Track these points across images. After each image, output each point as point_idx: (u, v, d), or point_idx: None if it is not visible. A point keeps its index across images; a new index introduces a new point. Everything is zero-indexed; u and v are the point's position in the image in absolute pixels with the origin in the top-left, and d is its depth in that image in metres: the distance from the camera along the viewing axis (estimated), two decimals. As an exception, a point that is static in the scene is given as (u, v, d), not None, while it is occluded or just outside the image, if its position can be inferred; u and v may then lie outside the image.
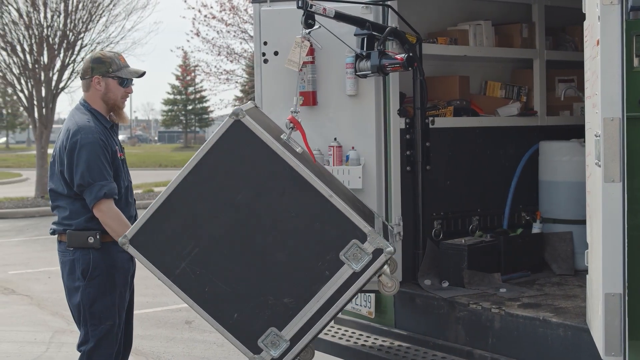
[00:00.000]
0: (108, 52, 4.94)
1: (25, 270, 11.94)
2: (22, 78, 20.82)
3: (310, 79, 5.61)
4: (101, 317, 4.72)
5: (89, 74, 4.83)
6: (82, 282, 4.71)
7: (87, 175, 4.59)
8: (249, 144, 4.31)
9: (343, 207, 4.29)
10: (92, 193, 4.60)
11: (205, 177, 4.36)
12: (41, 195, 20.93)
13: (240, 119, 4.29)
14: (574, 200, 6.25)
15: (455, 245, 5.84)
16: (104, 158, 4.66)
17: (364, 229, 4.28)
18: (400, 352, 5.55)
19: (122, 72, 4.87)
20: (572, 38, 7.09)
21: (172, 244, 4.40)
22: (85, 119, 4.74)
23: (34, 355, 7.50)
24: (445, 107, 6.26)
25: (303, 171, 4.29)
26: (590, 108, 4.26)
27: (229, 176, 4.36)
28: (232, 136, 4.32)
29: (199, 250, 4.37)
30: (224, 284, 4.39)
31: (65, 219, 4.76)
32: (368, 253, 4.28)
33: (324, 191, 4.28)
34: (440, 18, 6.65)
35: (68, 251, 4.75)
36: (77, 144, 4.62)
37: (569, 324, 4.83)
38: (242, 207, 4.35)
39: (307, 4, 4.98)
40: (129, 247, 4.40)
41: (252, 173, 4.36)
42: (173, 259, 4.39)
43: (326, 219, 4.31)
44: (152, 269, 4.42)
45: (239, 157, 4.35)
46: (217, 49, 23.37)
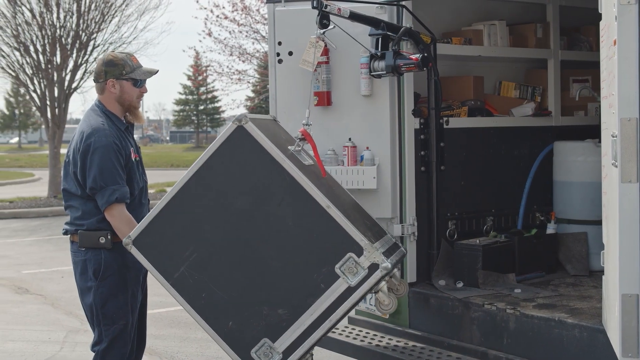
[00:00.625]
0: (119, 53, 4.94)
1: (39, 270, 11.97)
2: (35, 78, 20.89)
3: (324, 79, 5.61)
4: (114, 317, 4.73)
5: (103, 78, 4.83)
6: (94, 282, 4.72)
7: (99, 179, 4.60)
8: (250, 151, 4.31)
9: (340, 218, 4.24)
10: (104, 197, 4.60)
11: (206, 181, 4.38)
12: (54, 195, 20.99)
13: (243, 125, 4.29)
14: (588, 200, 6.23)
15: (469, 246, 5.83)
16: (117, 161, 4.66)
17: (361, 242, 4.22)
18: (414, 353, 5.54)
19: (136, 73, 4.86)
20: (587, 38, 7.06)
21: (173, 247, 4.42)
22: (100, 122, 4.74)
23: (48, 355, 7.52)
24: (459, 107, 6.25)
25: (302, 180, 4.26)
26: (607, 108, 4.24)
27: (230, 182, 4.37)
28: (235, 142, 4.33)
29: (197, 255, 4.39)
30: (220, 290, 4.40)
31: (77, 219, 4.77)
32: (364, 268, 4.23)
33: (322, 201, 4.24)
34: (454, 18, 6.64)
35: (80, 251, 4.76)
36: (90, 147, 4.62)
37: (585, 324, 4.81)
38: (241, 213, 4.35)
39: (322, 4, 4.98)
40: (132, 248, 4.44)
41: (252, 180, 4.36)
42: (173, 262, 4.41)
43: (323, 230, 4.27)
44: (153, 271, 4.45)
45: (240, 163, 4.35)
46: (229, 49, 23.41)
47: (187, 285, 4.40)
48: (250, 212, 4.34)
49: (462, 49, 6.30)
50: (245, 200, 4.35)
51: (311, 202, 4.25)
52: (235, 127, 4.30)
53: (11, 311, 9.37)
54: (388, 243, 4.75)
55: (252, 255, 4.36)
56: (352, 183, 5.58)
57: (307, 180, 4.27)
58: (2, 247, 14.46)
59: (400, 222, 5.71)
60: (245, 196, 4.35)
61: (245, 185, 4.36)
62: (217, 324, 4.42)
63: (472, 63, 6.75)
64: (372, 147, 5.61)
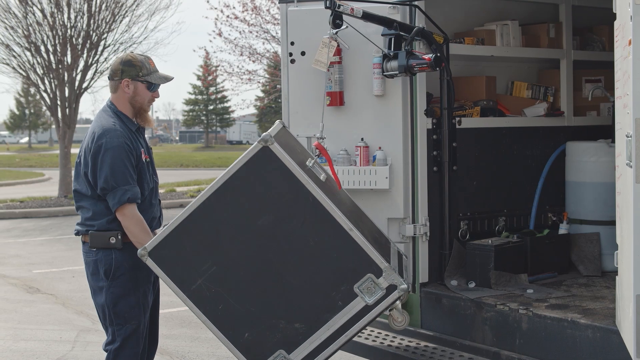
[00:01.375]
0: (139, 55, 4.92)
1: (50, 270, 12.00)
2: (46, 78, 20.94)
3: (337, 79, 5.62)
4: (126, 317, 4.75)
5: (118, 76, 4.83)
6: (106, 282, 4.74)
7: (111, 179, 4.61)
8: (274, 171, 4.36)
9: (362, 241, 4.35)
10: (116, 197, 4.62)
11: (229, 198, 4.42)
12: (64, 194, 21.04)
13: (269, 146, 4.34)
14: (601, 201, 6.22)
15: (482, 246, 5.82)
16: (129, 162, 4.67)
17: (381, 264, 4.35)
18: (426, 353, 5.54)
19: (152, 76, 4.86)
20: (600, 38, 7.04)
21: (190, 260, 4.47)
22: (111, 122, 4.75)
23: (59, 354, 7.53)
24: (472, 108, 6.24)
25: (326, 202, 4.34)
26: (621, 108, 4.23)
27: (252, 200, 4.43)
28: (259, 161, 4.37)
29: (216, 269, 4.44)
30: (238, 303, 4.46)
31: (88, 219, 4.79)
32: (382, 288, 4.36)
33: (345, 224, 4.34)
34: (467, 18, 6.63)
35: (91, 252, 4.78)
36: (102, 148, 4.64)
37: (598, 325, 4.80)
38: (263, 231, 4.42)
39: (335, 4, 4.98)
40: (147, 259, 4.47)
41: (275, 199, 4.42)
42: (190, 274, 4.46)
43: (344, 251, 4.37)
44: (169, 282, 4.49)
45: (263, 182, 4.40)
46: (240, 49, 23.42)
47: (204, 297, 4.47)
48: (272, 230, 4.41)
49: (474, 49, 6.29)
50: (267, 218, 4.41)
51: (334, 224, 4.36)
52: (261, 147, 4.35)
53: (22, 310, 9.39)
54: (395, 255, 4.88)
55: (271, 272, 4.44)
56: (365, 183, 5.58)
57: (331, 203, 4.35)
58: (13, 246, 14.50)
59: (412, 222, 5.71)
60: (268, 214, 4.41)
61: (267, 204, 4.42)
62: (233, 335, 4.49)
63: (484, 63, 6.74)
64: (384, 147, 5.61)
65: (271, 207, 4.42)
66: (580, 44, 7.02)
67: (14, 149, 70.93)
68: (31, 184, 31.08)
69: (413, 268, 5.75)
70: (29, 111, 76.00)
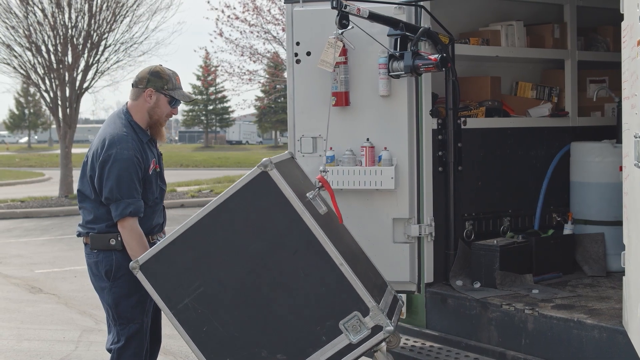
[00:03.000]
0: (167, 69, 4.88)
1: (52, 269, 11.99)
2: (47, 78, 20.92)
3: (343, 79, 5.61)
4: (128, 317, 4.76)
5: (144, 84, 4.80)
6: (107, 283, 4.77)
7: (115, 191, 4.61)
8: (271, 197, 4.35)
9: (352, 278, 4.31)
10: (118, 209, 4.62)
11: (223, 220, 4.41)
12: (65, 194, 21.03)
13: (268, 171, 4.33)
14: (605, 201, 6.23)
15: (487, 246, 5.83)
16: (135, 175, 4.66)
17: (368, 303, 4.30)
18: (432, 353, 5.54)
19: (176, 92, 4.84)
20: (604, 38, 7.05)
21: (180, 278, 4.45)
22: (124, 132, 4.72)
23: (63, 354, 7.53)
24: (477, 108, 6.24)
25: (319, 235, 4.32)
26: (629, 109, 4.23)
27: (247, 224, 4.41)
28: (257, 186, 4.36)
29: (204, 290, 4.43)
30: (222, 327, 4.44)
31: (89, 222, 4.81)
32: (368, 327, 4.31)
33: (336, 259, 4.31)
34: (472, 18, 6.63)
35: (92, 253, 4.81)
36: (111, 158, 4.62)
37: (605, 325, 4.81)
38: (254, 257, 4.40)
39: (341, 4, 4.98)
40: (138, 273, 4.47)
41: (269, 226, 4.40)
42: (178, 292, 4.45)
43: (333, 286, 4.34)
44: (156, 298, 4.48)
45: (259, 207, 4.39)
46: (240, 49, 23.40)
47: (189, 317, 4.45)
48: (263, 256, 4.40)
49: (479, 50, 6.30)
50: (260, 244, 4.40)
51: (325, 257, 4.32)
52: (260, 172, 4.33)
53: (25, 310, 9.38)
54: (389, 297, 4.84)
55: (258, 298, 4.41)
56: (370, 183, 5.58)
57: (324, 236, 4.32)
58: (15, 246, 14.49)
59: (417, 223, 5.71)
60: (260, 240, 4.40)
61: (261, 230, 4.41)
62: (214, 358, 4.46)
63: (489, 63, 6.75)
64: (390, 148, 5.61)
65: (265, 233, 4.40)
66: (584, 45, 7.02)
67: (14, 149, 70.92)
68: (31, 183, 31.05)
69: (418, 268, 5.76)
70: (28, 111, 76.03)
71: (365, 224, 5.70)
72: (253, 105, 41.69)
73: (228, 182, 27.57)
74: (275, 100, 45.27)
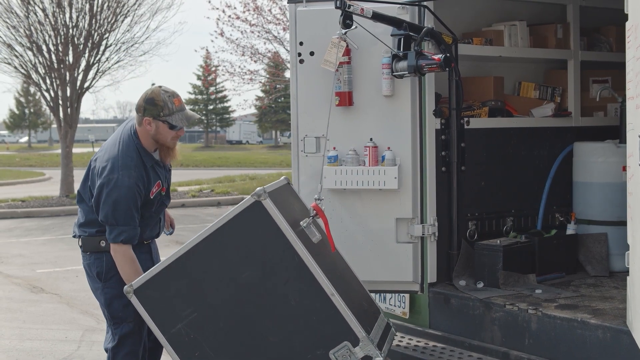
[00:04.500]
0: (163, 92, 4.75)
1: (53, 269, 11.99)
2: (48, 78, 20.92)
3: (346, 79, 5.61)
4: (120, 316, 4.79)
5: (142, 112, 4.74)
6: (100, 284, 4.83)
7: (111, 216, 4.61)
8: (264, 226, 4.36)
9: (342, 308, 4.33)
10: (112, 234, 4.63)
11: (216, 247, 4.43)
12: (66, 194, 21.03)
13: (261, 201, 4.34)
14: (608, 201, 6.23)
15: (490, 246, 5.83)
16: (134, 203, 4.64)
17: (358, 333, 4.32)
18: (435, 353, 5.55)
19: (173, 117, 4.73)
20: (607, 38, 7.05)
21: (173, 304, 4.47)
22: (129, 159, 4.68)
23: (65, 354, 7.53)
24: (480, 108, 6.24)
25: (311, 265, 4.33)
26: (634, 109, 4.23)
27: (240, 252, 4.43)
28: (250, 215, 4.38)
29: (197, 316, 4.45)
30: (213, 353, 4.46)
31: (82, 225, 4.86)
32: (357, 357, 4.32)
33: (327, 289, 4.33)
34: (475, 19, 6.63)
35: (85, 255, 4.87)
36: (111, 182, 4.61)
37: (609, 325, 4.81)
38: (246, 284, 4.42)
39: (345, 4, 4.97)
40: (132, 297, 4.48)
41: (261, 254, 4.42)
42: (171, 317, 4.47)
43: (324, 315, 4.36)
44: (150, 322, 4.49)
45: (252, 236, 4.41)
46: (241, 49, 23.39)
47: (181, 342, 4.46)
48: (255, 284, 4.42)
49: (483, 50, 6.30)
50: (252, 272, 4.42)
51: (316, 286, 4.34)
52: (253, 201, 4.35)
53: (27, 310, 9.39)
54: (381, 327, 4.84)
55: (250, 326, 4.43)
56: (373, 183, 5.58)
57: (315, 265, 4.34)
58: (16, 246, 14.49)
59: (420, 223, 5.71)
60: (253, 269, 4.42)
61: (254, 258, 4.43)
62: None
63: (491, 63, 6.75)
64: (393, 148, 5.61)
65: (257, 261, 4.42)
66: (587, 45, 7.02)
67: (14, 149, 70.93)
68: (32, 183, 31.05)
69: (422, 268, 5.76)
70: (28, 111, 76.03)
71: (368, 224, 5.71)
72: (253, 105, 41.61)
73: (228, 181, 27.59)
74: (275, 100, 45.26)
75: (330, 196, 5.67)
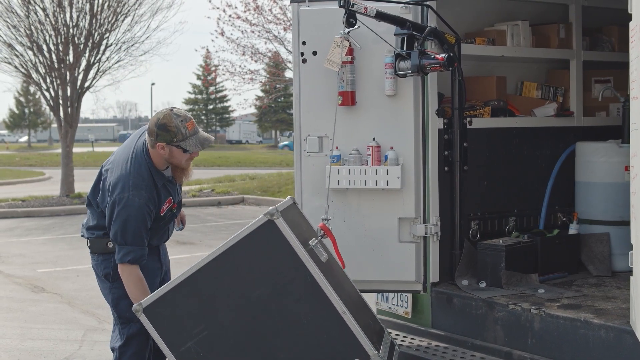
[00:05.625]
0: (176, 117, 4.67)
1: (54, 269, 11.98)
2: (48, 77, 20.91)
3: (349, 78, 5.60)
4: (128, 316, 4.79)
5: (154, 137, 4.69)
6: (108, 284, 4.86)
7: (119, 236, 4.62)
8: (277, 245, 4.37)
9: (354, 326, 4.35)
10: (119, 253, 4.63)
11: (228, 266, 4.43)
12: (66, 194, 21.01)
13: (274, 220, 4.34)
14: (610, 201, 6.24)
15: (493, 246, 5.83)
16: (143, 224, 4.64)
17: (369, 351, 4.34)
18: (438, 353, 5.55)
19: (187, 142, 4.67)
20: (609, 38, 7.05)
21: (183, 322, 4.46)
22: (141, 179, 4.66)
23: (67, 353, 7.52)
24: (482, 108, 6.25)
25: (322, 283, 4.35)
26: (638, 109, 4.23)
27: (251, 271, 4.44)
28: (263, 234, 4.38)
29: (207, 334, 4.44)
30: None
31: (90, 227, 4.89)
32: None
33: (339, 307, 4.34)
34: (477, 18, 6.64)
35: (93, 256, 4.89)
36: (122, 202, 4.60)
37: (612, 325, 4.81)
38: (258, 303, 4.42)
39: (349, 3, 4.97)
40: (141, 315, 4.47)
41: (273, 273, 4.43)
42: (181, 335, 4.46)
43: (335, 333, 4.37)
44: (159, 340, 4.48)
45: (265, 254, 4.42)
46: (242, 48, 23.37)
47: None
48: (267, 303, 4.42)
49: (485, 49, 6.30)
50: (264, 290, 4.42)
51: (328, 305, 4.36)
52: (266, 220, 4.35)
53: (28, 310, 9.38)
54: (387, 344, 4.86)
55: (260, 343, 4.44)
56: (376, 183, 5.57)
57: (327, 284, 4.35)
58: (16, 245, 14.48)
59: (423, 222, 5.71)
60: (264, 287, 4.42)
61: (266, 277, 4.43)
62: None
63: (493, 63, 6.75)
64: (396, 147, 5.61)
65: (269, 280, 4.42)
66: (589, 45, 7.02)
67: (14, 148, 70.91)
68: (32, 183, 31.03)
69: (424, 268, 5.76)
70: (28, 110, 76.03)
71: (371, 224, 5.71)
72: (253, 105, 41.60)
73: (229, 181, 27.57)
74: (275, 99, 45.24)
75: (333, 196, 5.67)
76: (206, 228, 16.24)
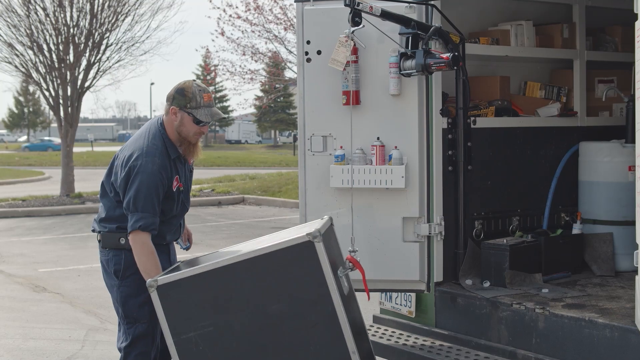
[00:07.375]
0: (196, 85, 4.79)
1: (55, 268, 11.99)
2: (48, 77, 20.91)
3: (353, 78, 5.60)
4: (135, 316, 4.78)
5: (170, 101, 4.77)
6: (116, 281, 4.81)
7: (131, 203, 4.62)
8: (309, 267, 4.33)
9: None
10: (131, 220, 4.63)
11: (254, 272, 4.38)
12: (66, 193, 21.01)
13: (315, 243, 4.31)
14: (614, 201, 6.24)
15: (497, 246, 5.83)
16: (155, 191, 4.64)
17: None
18: (442, 352, 5.54)
19: (199, 111, 4.75)
20: (612, 38, 7.04)
21: (192, 311, 4.42)
22: (154, 147, 4.71)
23: (69, 353, 7.53)
24: (486, 107, 6.24)
25: (342, 317, 4.32)
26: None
27: (276, 284, 4.40)
28: (299, 252, 4.34)
29: (212, 330, 4.40)
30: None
31: (102, 220, 4.86)
32: None
33: (350, 345, 4.32)
34: (481, 18, 6.63)
35: (104, 251, 4.85)
36: (135, 169, 4.63)
37: (617, 325, 4.80)
38: (272, 316, 4.39)
39: (354, 2, 4.97)
40: (153, 292, 4.42)
41: (297, 292, 4.39)
42: (186, 323, 4.41)
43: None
44: (163, 321, 4.43)
45: (294, 272, 4.38)
46: (242, 48, 23.40)
47: (189, 350, 4.41)
48: (280, 319, 4.39)
49: (489, 49, 6.30)
50: (281, 307, 4.39)
51: (341, 340, 4.33)
52: (307, 240, 4.32)
53: (30, 309, 9.39)
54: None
55: (262, 356, 4.41)
56: (380, 182, 5.57)
57: (346, 320, 4.33)
58: (17, 245, 14.48)
59: (427, 222, 5.71)
60: (284, 303, 4.39)
61: (288, 294, 4.40)
62: None
63: (497, 63, 6.75)
64: (400, 147, 5.61)
65: (290, 297, 4.39)
66: (593, 45, 7.02)
67: (13, 148, 70.84)
68: (31, 182, 31.05)
69: (428, 267, 5.75)
70: (27, 110, 76.01)
71: (375, 223, 5.70)
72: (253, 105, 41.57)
73: (228, 181, 27.59)
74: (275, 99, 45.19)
75: (337, 195, 5.67)
76: (207, 228, 16.24)
